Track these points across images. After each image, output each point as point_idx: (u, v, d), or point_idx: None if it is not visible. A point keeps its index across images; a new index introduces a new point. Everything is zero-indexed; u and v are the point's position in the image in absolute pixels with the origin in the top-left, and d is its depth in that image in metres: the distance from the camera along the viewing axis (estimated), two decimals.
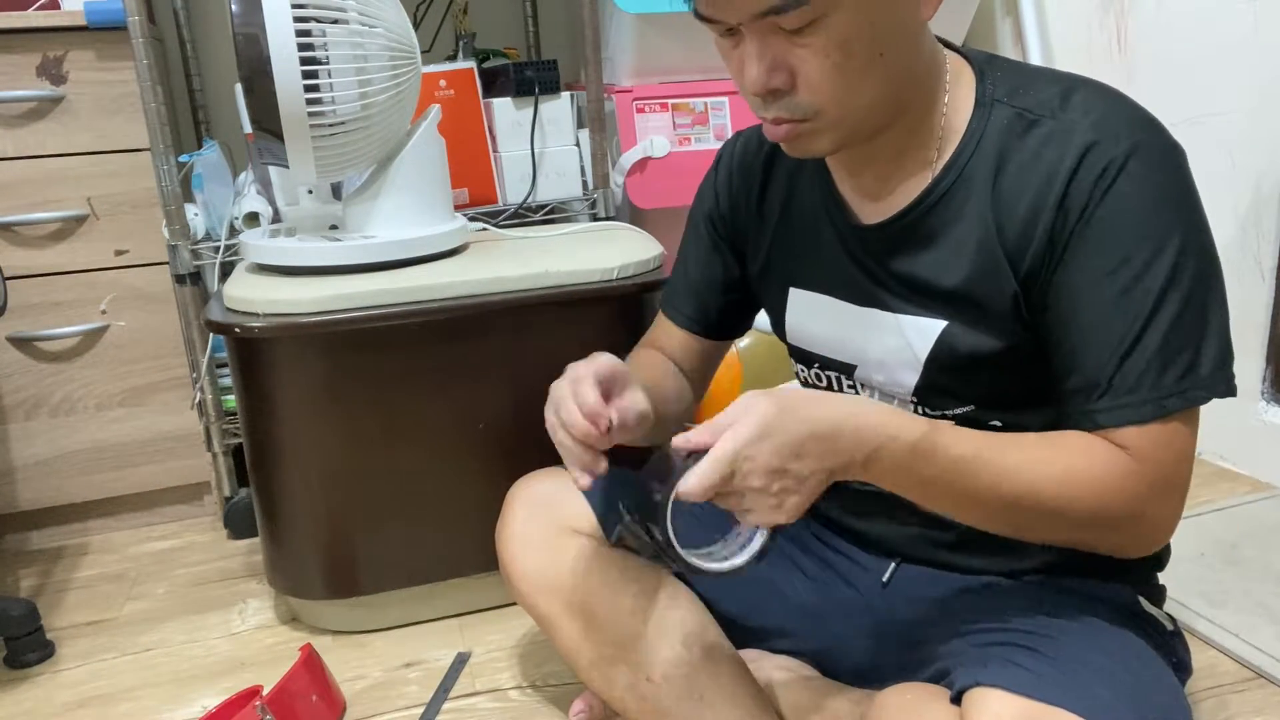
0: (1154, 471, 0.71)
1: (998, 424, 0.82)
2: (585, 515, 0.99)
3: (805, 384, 0.97)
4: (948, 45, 0.81)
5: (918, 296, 0.81)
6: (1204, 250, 0.72)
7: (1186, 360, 0.71)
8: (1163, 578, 0.91)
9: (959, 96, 0.78)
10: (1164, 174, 0.71)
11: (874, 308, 0.84)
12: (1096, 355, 0.72)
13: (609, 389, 0.83)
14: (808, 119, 0.74)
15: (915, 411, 0.85)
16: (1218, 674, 1.13)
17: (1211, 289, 0.72)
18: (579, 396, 0.79)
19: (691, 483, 0.68)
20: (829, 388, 0.93)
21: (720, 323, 1.04)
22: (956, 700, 0.71)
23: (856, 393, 0.90)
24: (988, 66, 0.79)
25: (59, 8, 1.55)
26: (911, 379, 0.83)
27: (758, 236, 0.96)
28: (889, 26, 0.71)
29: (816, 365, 0.92)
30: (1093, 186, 0.71)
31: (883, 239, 0.82)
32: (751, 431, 0.67)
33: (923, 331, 0.81)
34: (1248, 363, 1.61)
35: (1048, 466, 0.71)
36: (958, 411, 0.83)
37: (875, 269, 0.84)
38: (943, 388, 0.82)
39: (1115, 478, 0.71)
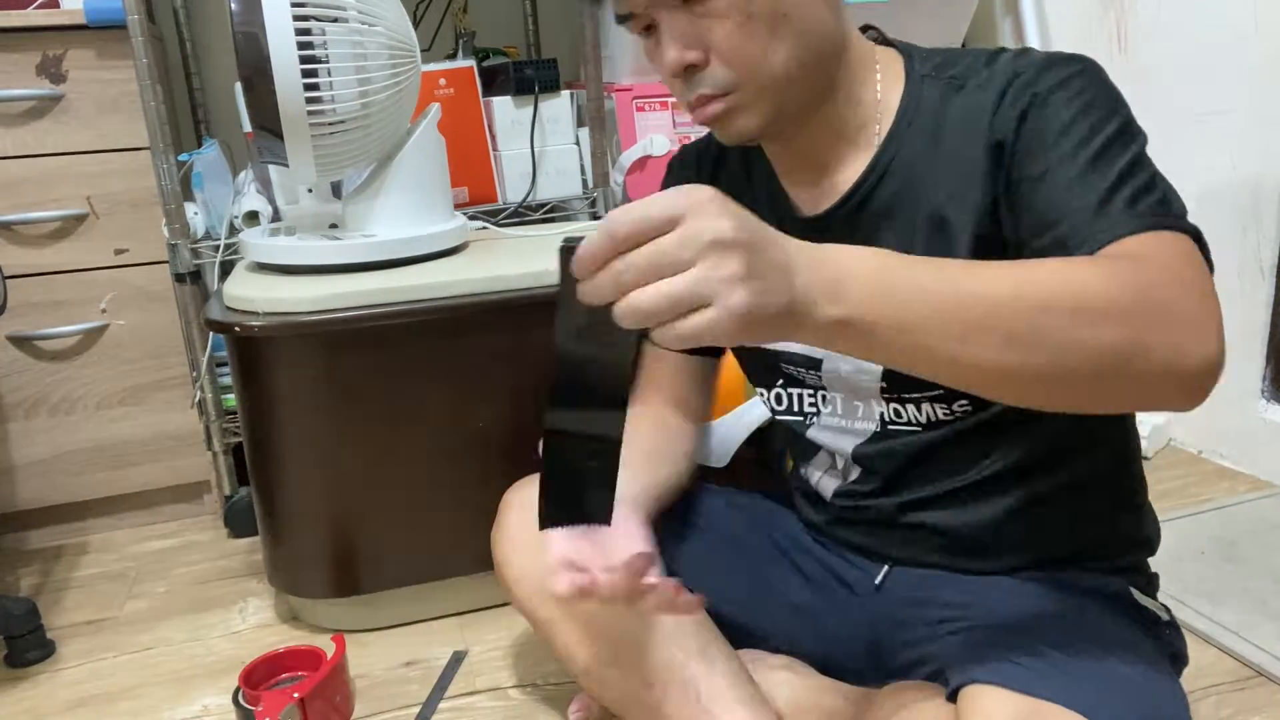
0: (1162, 266, 0.62)
1: (968, 408, 0.81)
2: None
3: (772, 406, 0.97)
4: (878, 39, 0.84)
5: None
6: (1143, 137, 0.72)
7: (1158, 198, 0.68)
8: (1163, 577, 0.91)
9: (889, 79, 0.80)
10: (1085, 75, 0.72)
11: None
12: (1077, 213, 0.67)
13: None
14: (729, 92, 0.75)
15: (885, 402, 0.85)
16: (1218, 672, 1.13)
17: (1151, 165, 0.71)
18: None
19: (615, 216, 0.52)
20: (792, 402, 0.93)
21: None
22: (952, 698, 0.71)
23: (823, 393, 0.90)
24: (914, 50, 0.82)
25: (58, 6, 1.55)
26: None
27: None
28: None
29: (783, 364, 0.91)
30: (1024, 106, 0.72)
31: (831, 226, 0.82)
32: (708, 196, 0.53)
33: None
34: (1248, 362, 1.61)
35: (1052, 267, 0.61)
36: (929, 394, 0.82)
37: None
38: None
39: (1125, 267, 0.61)
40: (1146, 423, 1.72)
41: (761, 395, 0.97)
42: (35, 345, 1.55)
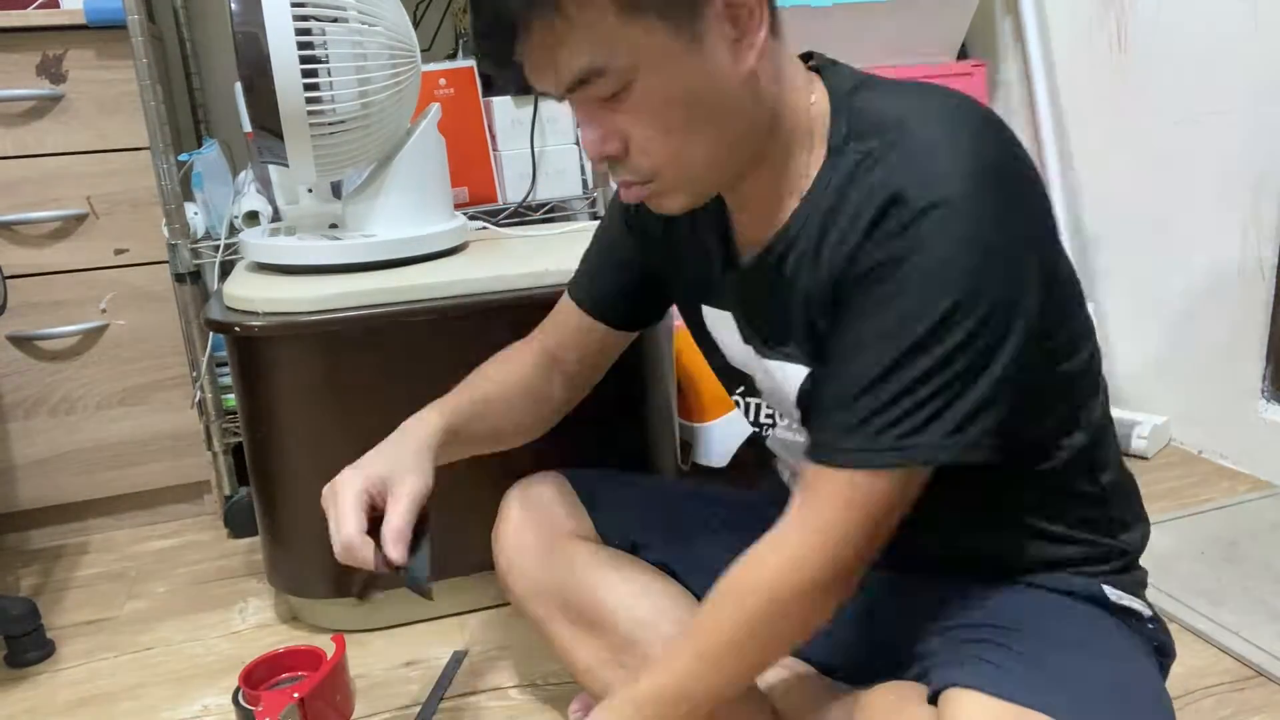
0: (840, 532, 0.70)
1: None
2: (581, 519, 0.99)
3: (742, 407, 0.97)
4: (830, 73, 0.77)
5: (778, 343, 0.80)
6: (993, 308, 0.66)
7: (925, 416, 0.66)
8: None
9: (818, 140, 0.74)
10: (967, 228, 0.65)
11: (750, 345, 0.84)
12: (836, 390, 0.69)
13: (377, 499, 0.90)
14: (650, 180, 0.73)
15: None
16: (1217, 672, 1.13)
17: (985, 351, 0.66)
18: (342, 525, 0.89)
19: None
20: (749, 410, 0.93)
21: (630, 314, 1.00)
22: (934, 700, 0.71)
23: (764, 407, 0.90)
24: (845, 102, 0.74)
25: (58, 6, 1.55)
26: (795, 413, 0.83)
27: (663, 249, 0.93)
28: (703, 84, 0.68)
29: (737, 381, 0.91)
30: (885, 242, 0.67)
31: (747, 282, 0.81)
32: None
33: (788, 376, 0.80)
34: (1248, 362, 1.61)
35: (747, 619, 0.76)
36: None
37: (748, 308, 0.83)
38: None
39: (799, 573, 0.73)
40: (1147, 423, 1.72)
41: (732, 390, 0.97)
42: (35, 345, 1.55)
